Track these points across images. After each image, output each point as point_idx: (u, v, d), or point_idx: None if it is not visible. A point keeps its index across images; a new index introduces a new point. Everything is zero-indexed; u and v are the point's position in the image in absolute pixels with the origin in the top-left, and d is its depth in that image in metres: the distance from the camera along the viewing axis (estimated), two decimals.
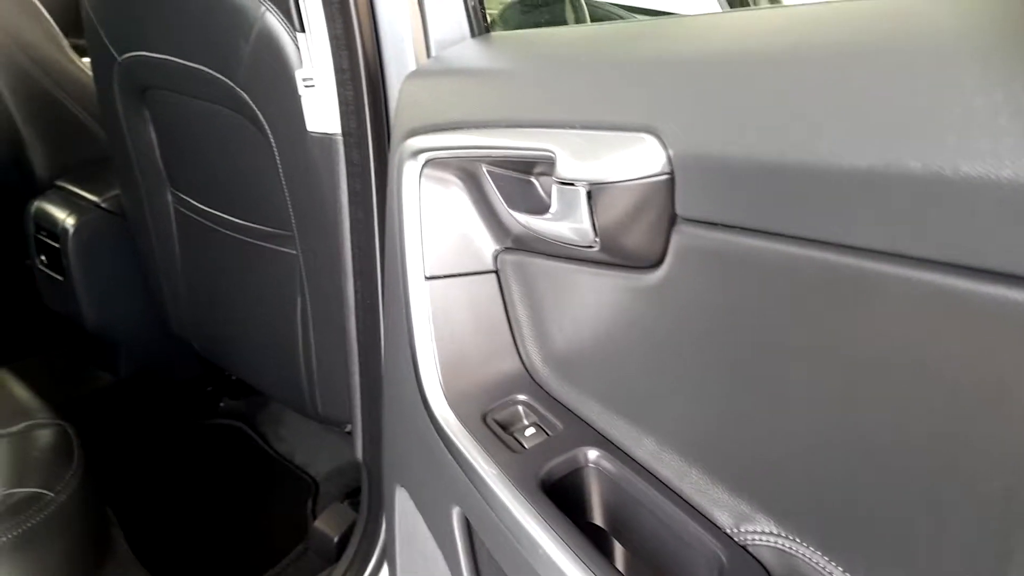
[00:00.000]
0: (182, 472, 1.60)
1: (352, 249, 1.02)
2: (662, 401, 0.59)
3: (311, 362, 1.23)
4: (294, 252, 1.15)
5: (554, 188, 0.55)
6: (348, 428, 1.28)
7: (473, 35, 0.77)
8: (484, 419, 0.68)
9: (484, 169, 0.65)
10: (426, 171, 0.70)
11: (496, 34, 0.77)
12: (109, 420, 1.64)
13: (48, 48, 1.47)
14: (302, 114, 0.96)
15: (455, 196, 0.70)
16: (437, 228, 0.71)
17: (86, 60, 1.44)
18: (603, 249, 0.56)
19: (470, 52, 0.73)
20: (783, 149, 0.41)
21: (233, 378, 1.73)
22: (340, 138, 0.93)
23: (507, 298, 0.72)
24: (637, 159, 0.50)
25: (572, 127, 0.54)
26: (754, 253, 0.47)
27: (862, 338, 0.43)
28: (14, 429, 1.03)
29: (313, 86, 0.93)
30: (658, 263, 0.55)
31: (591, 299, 0.63)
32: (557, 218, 0.57)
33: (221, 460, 1.64)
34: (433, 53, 0.78)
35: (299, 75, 0.94)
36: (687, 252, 0.52)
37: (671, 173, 0.49)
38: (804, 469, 0.49)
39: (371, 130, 0.88)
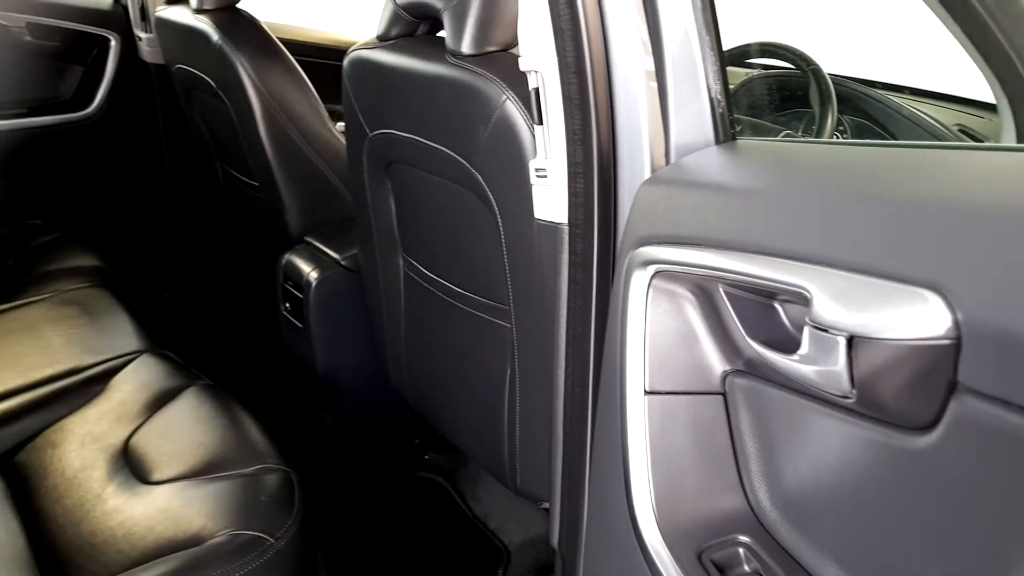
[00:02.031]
0: (383, 521, 1.66)
1: (567, 336, 1.01)
2: None
3: (514, 435, 1.23)
4: (508, 326, 1.16)
5: (807, 330, 0.50)
6: (544, 505, 1.26)
7: (718, 141, 0.73)
8: (699, 557, 0.63)
9: (720, 289, 0.61)
10: (655, 282, 0.67)
11: (744, 143, 0.73)
12: (327, 460, 1.75)
13: (312, 120, 1.63)
14: (531, 200, 0.98)
15: (684, 311, 0.66)
16: (662, 341, 0.67)
17: (340, 125, 1.58)
18: (860, 403, 0.49)
19: (714, 162, 0.70)
20: None
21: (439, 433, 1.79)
22: (566, 228, 0.93)
23: (734, 425, 0.66)
24: (915, 317, 0.43)
25: (834, 266, 0.49)
26: None
27: None
28: (247, 471, 1.11)
29: (545, 176, 0.94)
30: (926, 427, 0.47)
31: (836, 446, 0.56)
32: (806, 361, 0.51)
33: (420, 513, 1.69)
34: (673, 158, 0.75)
35: (532, 165, 0.95)
36: (967, 424, 0.44)
37: (957, 339, 0.42)
38: None
39: (598, 224, 0.87)
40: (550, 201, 0.95)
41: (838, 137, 1.47)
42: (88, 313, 1.48)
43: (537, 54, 0.88)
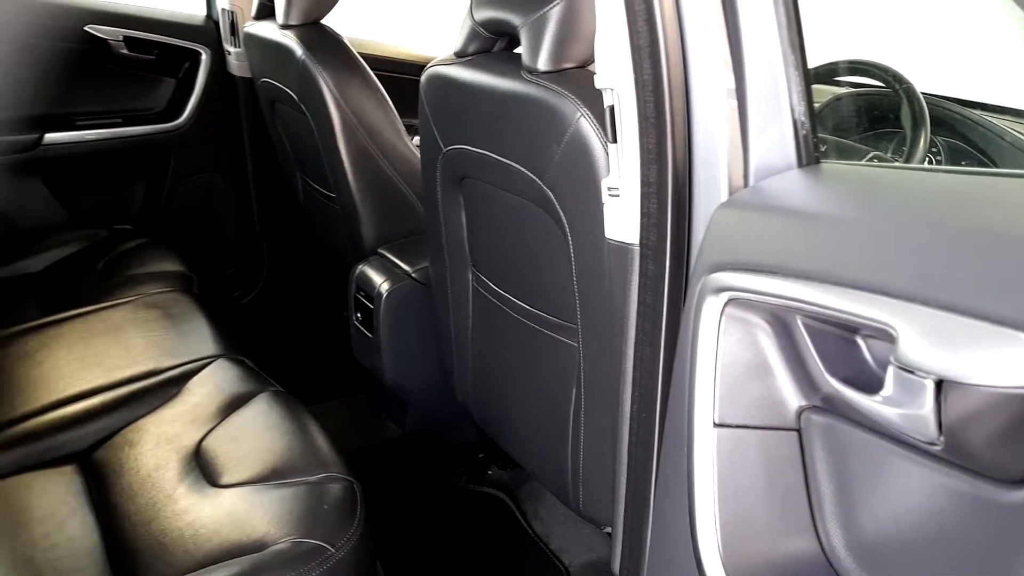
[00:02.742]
0: (444, 534, 1.66)
1: (635, 359, 0.99)
2: None
3: (578, 456, 1.21)
4: (575, 345, 1.15)
5: (891, 370, 0.47)
6: (607, 529, 1.23)
7: (800, 164, 0.70)
8: None
9: (799, 321, 0.58)
10: (728, 309, 0.64)
11: (828, 166, 0.69)
12: (391, 471, 1.76)
13: (389, 134, 1.65)
14: (602, 219, 0.96)
15: (759, 341, 0.63)
16: (733, 372, 0.64)
17: (417, 139, 1.60)
18: (947, 451, 0.46)
19: (796, 186, 0.67)
20: None
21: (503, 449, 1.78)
22: (637, 248, 0.91)
23: (809, 464, 0.63)
24: (1012, 363, 0.40)
25: (923, 303, 0.45)
26: None
27: None
28: (312, 479, 1.12)
29: (618, 196, 0.92)
30: (1020, 481, 0.43)
31: (920, 494, 0.52)
32: (890, 403, 0.48)
33: (482, 529, 1.68)
34: (752, 180, 0.72)
35: (605, 183, 0.94)
36: None
37: None
38: None
39: (670, 246, 0.85)
40: (621, 221, 0.93)
41: (931, 161, 1.40)
42: (169, 317, 1.53)
43: (613, 71, 0.87)
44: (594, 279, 1.05)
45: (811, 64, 0.74)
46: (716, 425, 0.65)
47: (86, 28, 1.90)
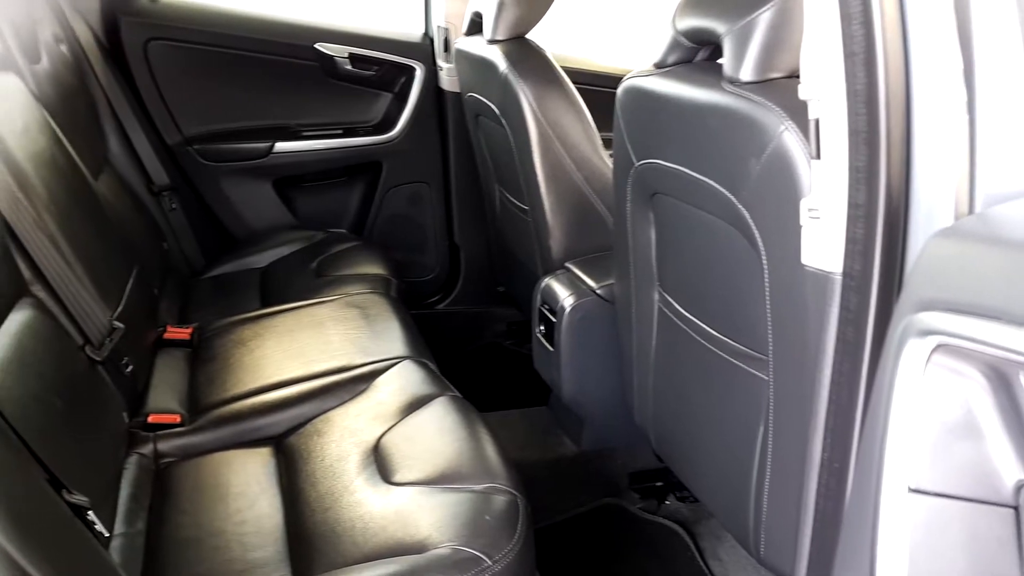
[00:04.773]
0: (609, 561, 1.60)
1: (829, 402, 0.90)
2: None
3: (761, 499, 1.12)
4: (765, 378, 1.06)
5: None
6: None
7: None
8: None
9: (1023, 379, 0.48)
10: (936, 356, 0.55)
11: None
12: (563, 488, 1.74)
13: (585, 147, 1.64)
14: (800, 243, 0.88)
15: (971, 397, 0.54)
16: (937, 430, 0.55)
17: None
18: None
19: None
20: None
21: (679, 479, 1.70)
22: (838, 278, 0.83)
23: None
24: None
25: None
26: None
27: None
28: (478, 488, 1.13)
29: (818, 218, 0.84)
30: None
31: None
32: None
33: (652, 561, 1.61)
34: (979, 206, 0.62)
35: (804, 204, 0.86)
36: None
37: None
38: None
39: (878, 277, 0.76)
40: (821, 246, 0.85)
41: None
42: (366, 317, 1.62)
43: (820, 80, 0.79)
44: (789, 308, 0.97)
45: None
46: (912, 491, 0.56)
47: (316, 46, 2.08)
